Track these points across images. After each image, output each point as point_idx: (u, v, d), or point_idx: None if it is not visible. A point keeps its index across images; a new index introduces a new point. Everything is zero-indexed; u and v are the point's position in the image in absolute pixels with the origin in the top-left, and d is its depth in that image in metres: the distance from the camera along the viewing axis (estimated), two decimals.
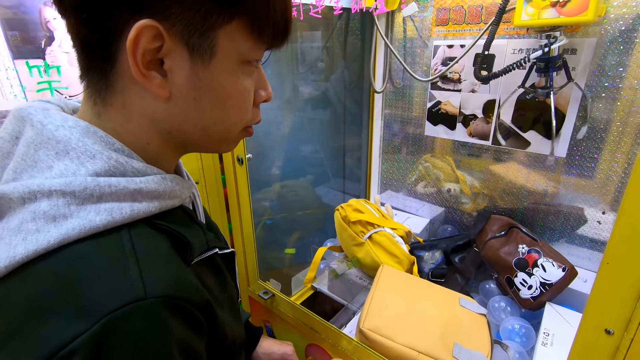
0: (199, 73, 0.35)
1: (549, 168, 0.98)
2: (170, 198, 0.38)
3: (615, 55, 0.82)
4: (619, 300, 0.38)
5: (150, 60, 0.33)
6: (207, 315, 0.36)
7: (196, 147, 0.42)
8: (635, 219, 0.35)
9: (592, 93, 0.86)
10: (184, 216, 0.41)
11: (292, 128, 1.21)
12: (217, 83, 0.36)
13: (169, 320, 0.30)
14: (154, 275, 0.31)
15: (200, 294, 0.35)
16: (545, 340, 0.77)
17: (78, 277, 0.29)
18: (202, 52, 0.34)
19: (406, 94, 1.21)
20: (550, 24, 0.77)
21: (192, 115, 0.37)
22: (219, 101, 0.37)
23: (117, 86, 0.35)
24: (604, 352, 0.40)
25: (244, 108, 0.40)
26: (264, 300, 0.91)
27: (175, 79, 0.34)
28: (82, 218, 0.30)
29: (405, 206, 1.32)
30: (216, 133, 0.39)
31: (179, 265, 0.35)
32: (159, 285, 0.31)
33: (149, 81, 0.33)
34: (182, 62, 0.34)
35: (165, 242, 0.35)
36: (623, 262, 0.37)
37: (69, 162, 0.32)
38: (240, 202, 0.85)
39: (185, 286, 0.33)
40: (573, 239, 1.00)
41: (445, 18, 1.04)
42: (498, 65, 0.97)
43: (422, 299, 0.80)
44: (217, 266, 0.44)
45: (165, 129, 0.37)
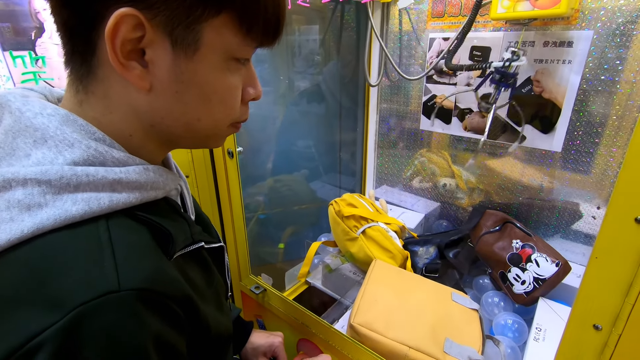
0: (182, 66, 0.33)
1: (545, 163, 0.98)
2: (152, 189, 0.37)
3: (613, 48, 0.81)
4: (607, 296, 0.37)
5: (131, 50, 0.32)
6: (187, 310, 0.35)
7: (183, 142, 0.41)
8: (624, 214, 0.34)
9: (589, 86, 0.85)
10: (167, 208, 0.40)
11: (286, 122, 1.20)
12: (200, 78, 0.35)
13: (144, 314, 0.29)
14: (130, 267, 0.30)
15: (179, 287, 0.34)
16: (537, 336, 0.76)
17: (50, 267, 0.28)
18: (186, 45, 0.33)
19: (402, 88, 1.20)
20: (525, 16, 0.77)
21: (174, 109, 0.35)
22: (203, 97, 0.36)
23: (99, 74, 0.34)
24: (592, 348, 0.40)
25: (230, 105, 0.38)
26: (256, 295, 0.91)
27: (156, 71, 0.33)
28: (57, 208, 0.30)
29: (401, 201, 1.31)
30: (202, 129, 0.38)
31: (159, 258, 0.34)
32: (134, 277, 0.30)
33: (128, 71, 0.32)
34: (164, 54, 0.32)
35: (145, 234, 0.34)
36: (611, 257, 0.36)
37: (46, 151, 0.31)
38: (231, 196, 0.84)
39: (163, 279, 0.32)
40: (568, 234, 0.99)
41: (441, 10, 1.02)
42: (494, 58, 0.95)
43: (414, 293, 0.80)
44: (203, 260, 0.43)
45: (147, 121, 0.36)
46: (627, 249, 0.35)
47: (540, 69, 0.89)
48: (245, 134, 1.09)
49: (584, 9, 0.81)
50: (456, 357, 0.66)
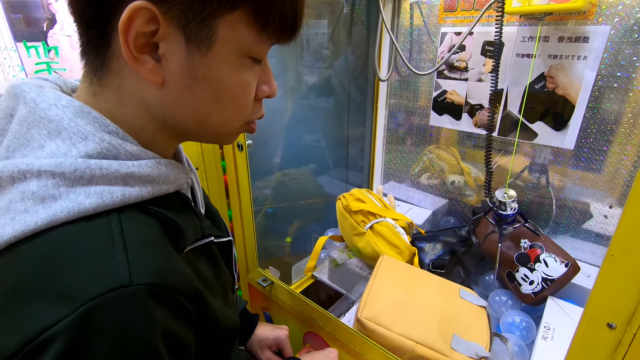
0: (195, 62, 0.33)
1: (557, 161, 0.96)
2: (164, 183, 0.37)
3: (630, 44, 0.79)
4: (623, 294, 0.37)
5: (145, 44, 0.32)
6: (196, 304, 0.35)
7: (194, 137, 0.41)
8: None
9: (604, 83, 0.84)
10: (178, 202, 0.40)
11: (294, 116, 1.20)
12: (213, 74, 0.34)
13: (154, 308, 0.30)
14: (141, 261, 0.30)
15: (190, 282, 0.34)
16: (545, 334, 0.76)
17: (62, 260, 0.28)
18: (200, 40, 0.32)
19: (411, 83, 1.19)
20: (541, 10, 0.75)
21: (185, 104, 0.35)
22: (215, 93, 0.36)
23: (113, 67, 0.34)
24: (606, 347, 0.39)
25: (243, 102, 0.38)
26: (263, 288, 0.91)
27: (169, 65, 0.33)
28: (71, 200, 0.30)
29: (408, 197, 1.31)
30: (212, 125, 0.38)
31: (169, 253, 0.34)
32: (145, 272, 0.30)
33: (140, 65, 0.32)
34: (178, 49, 0.32)
35: (157, 228, 0.34)
36: (628, 255, 0.36)
37: (60, 143, 0.32)
38: (240, 189, 0.85)
39: (174, 274, 0.33)
40: (578, 232, 0.98)
41: (453, 4, 1.01)
42: (507, 54, 0.94)
43: (421, 289, 0.80)
44: (212, 254, 0.44)
45: (159, 115, 0.36)
46: None
47: (554, 64, 0.88)
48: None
49: (601, 3, 0.79)
50: (463, 353, 0.66)
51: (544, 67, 0.89)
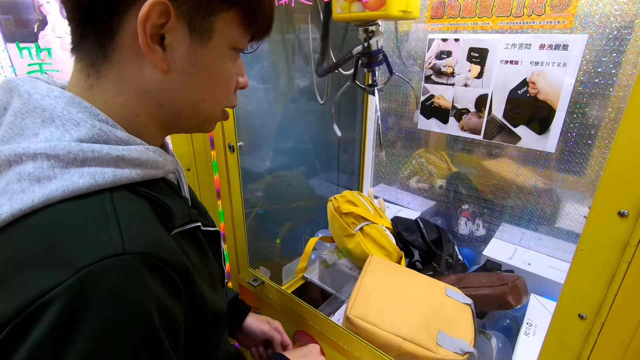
0: (197, 51, 0.37)
1: (539, 164, 1.00)
2: (152, 168, 0.39)
3: (607, 52, 0.83)
4: (592, 286, 0.39)
5: (153, 35, 0.35)
6: (184, 280, 0.36)
7: (182, 124, 0.44)
8: (608, 208, 0.36)
9: (583, 89, 0.87)
10: (166, 187, 0.42)
11: (285, 119, 1.21)
12: (210, 62, 0.39)
13: (146, 276, 0.31)
14: (134, 233, 0.32)
15: (179, 257, 0.36)
16: (527, 330, 0.78)
17: (59, 232, 0.30)
18: (202, 33, 0.37)
19: (401, 87, 1.22)
20: (358, 18, 0.74)
21: (185, 89, 0.39)
22: (210, 79, 0.40)
23: (114, 57, 0.36)
24: (577, 336, 0.42)
25: (229, 89, 0.43)
26: (254, 288, 0.92)
27: (174, 54, 0.37)
28: (65, 180, 0.32)
29: (397, 199, 1.33)
30: (204, 111, 0.42)
31: (159, 229, 0.36)
32: (137, 242, 0.32)
33: (153, 53, 0.35)
34: (183, 40, 0.36)
35: (147, 207, 0.36)
36: (596, 249, 0.38)
37: (54, 129, 0.33)
38: (231, 190, 0.86)
39: (164, 247, 0.34)
40: (560, 233, 1.01)
41: (440, 12, 1.04)
42: (491, 60, 0.97)
43: (408, 287, 0.82)
44: (198, 241, 0.45)
45: (157, 101, 0.39)
46: (611, 242, 0.37)
47: (535, 71, 0.91)
48: (245, 129, 1.10)
49: (579, 13, 0.83)
50: (448, 348, 0.68)
51: (527, 74, 0.93)
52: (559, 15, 0.85)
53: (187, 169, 0.84)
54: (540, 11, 0.88)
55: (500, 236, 1.11)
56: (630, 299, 0.37)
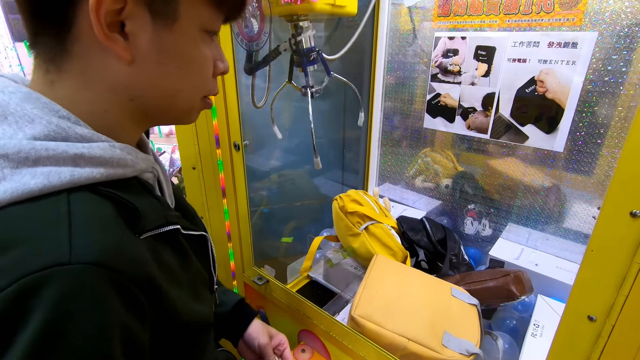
0: (163, 37, 0.35)
1: (547, 163, 0.98)
2: (119, 166, 0.36)
3: (617, 50, 0.81)
4: (602, 288, 0.38)
5: (111, 22, 0.32)
6: (149, 293, 0.33)
7: (158, 117, 0.41)
8: (620, 208, 0.36)
9: (592, 87, 0.86)
10: (138, 187, 0.39)
11: (291, 118, 1.21)
12: (180, 48, 0.36)
13: (96, 291, 0.28)
14: (85, 240, 0.29)
15: (143, 268, 0.33)
16: (535, 332, 0.77)
17: (5, 237, 0.28)
18: (165, 15, 0.34)
19: (407, 86, 1.21)
20: (285, 12, 0.69)
21: (156, 80, 0.36)
22: (183, 67, 0.37)
23: (74, 51, 0.34)
24: (587, 338, 0.41)
25: (206, 75, 0.40)
26: (258, 286, 0.92)
27: (138, 43, 0.34)
28: (15, 181, 0.30)
29: (403, 198, 1.33)
30: (182, 102, 0.39)
31: (122, 234, 0.33)
32: (89, 250, 0.29)
33: (112, 43, 0.33)
34: (145, 25, 0.34)
35: (109, 208, 0.33)
36: (607, 249, 0.37)
37: (6, 127, 0.32)
38: (236, 188, 0.86)
39: (123, 257, 0.31)
40: (568, 234, 1.00)
41: (447, 9, 1.03)
42: (499, 58, 0.96)
43: (414, 287, 0.81)
44: (178, 245, 0.42)
45: (127, 95, 0.36)
46: (622, 242, 0.36)
47: (544, 69, 0.90)
48: (250, 128, 1.10)
49: (589, 10, 0.82)
50: (454, 349, 0.68)
51: (535, 72, 0.91)
52: (568, 12, 0.84)
53: (192, 167, 0.84)
54: (549, 8, 0.86)
55: (507, 236, 1.10)
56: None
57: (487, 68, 0.99)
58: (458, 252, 1.03)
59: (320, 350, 0.84)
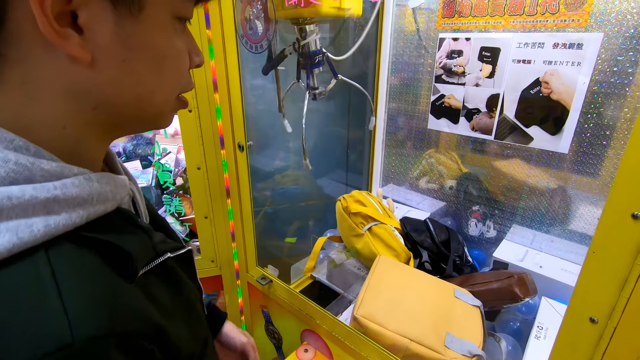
0: (127, 28, 0.28)
1: (552, 165, 0.98)
2: (99, 203, 0.30)
3: (623, 51, 0.81)
4: (604, 290, 0.38)
5: (59, 14, 0.25)
6: (158, 341, 0.30)
7: (129, 125, 0.35)
8: (622, 210, 0.36)
9: (598, 89, 0.85)
10: (121, 221, 0.34)
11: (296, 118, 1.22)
12: (150, 40, 0.30)
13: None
14: (81, 308, 0.25)
15: (147, 318, 0.30)
16: (538, 334, 0.77)
17: None
18: (129, 2, 0.28)
19: (411, 87, 1.21)
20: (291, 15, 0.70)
21: (124, 81, 0.30)
22: (154, 62, 0.31)
23: (11, 55, 0.26)
24: (588, 340, 0.41)
25: (182, 70, 0.34)
26: (262, 286, 0.93)
27: (96, 37, 0.27)
28: None
29: (406, 199, 1.32)
30: (155, 104, 0.33)
31: (116, 287, 0.29)
32: (90, 321, 0.24)
33: (65, 41, 0.26)
34: (104, 15, 0.27)
35: (95, 260, 0.28)
36: (608, 251, 0.37)
37: None
38: (240, 188, 0.87)
39: (126, 315, 0.27)
40: (573, 235, 0.99)
41: (451, 10, 1.03)
42: (503, 59, 0.96)
43: (417, 288, 0.81)
44: (169, 273, 0.37)
45: (88, 104, 0.30)
46: (624, 244, 0.36)
47: (549, 70, 0.90)
48: (255, 129, 1.11)
49: (594, 11, 0.81)
50: (457, 351, 0.68)
51: (540, 73, 0.91)
52: (573, 13, 0.84)
53: (197, 167, 0.85)
54: (554, 9, 0.86)
55: (511, 238, 1.09)
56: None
57: (491, 69, 0.99)
58: (462, 254, 1.03)
59: (323, 351, 0.84)
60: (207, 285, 1.03)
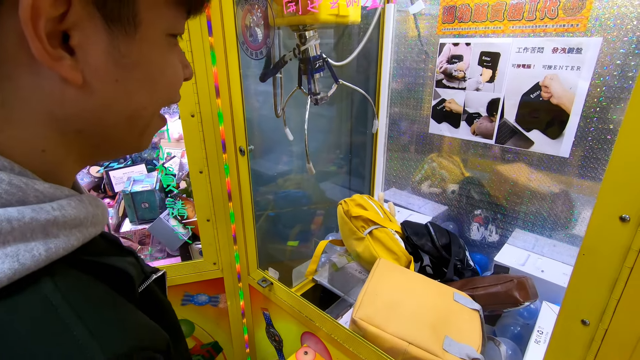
0: (122, 48, 0.27)
1: (554, 169, 0.98)
2: (92, 225, 0.29)
3: (622, 55, 0.81)
4: (594, 292, 0.39)
5: (50, 34, 0.24)
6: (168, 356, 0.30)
7: (112, 148, 0.33)
8: (610, 213, 0.36)
9: (598, 93, 0.85)
10: (108, 245, 0.33)
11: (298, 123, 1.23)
12: (145, 59, 0.29)
13: None
14: (106, 329, 0.24)
15: (159, 333, 0.30)
16: (538, 338, 0.77)
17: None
18: (125, 21, 0.26)
19: (413, 92, 1.22)
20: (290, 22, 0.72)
21: (115, 102, 0.29)
22: (149, 80, 0.30)
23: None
24: (581, 343, 0.41)
25: (176, 84, 0.34)
26: (262, 288, 0.94)
27: (89, 58, 0.26)
28: None
29: (408, 203, 1.33)
30: (142, 120, 0.32)
31: (126, 306, 0.28)
32: (117, 338, 0.24)
33: (56, 62, 0.24)
34: (98, 35, 0.25)
35: (96, 284, 0.28)
36: (598, 254, 0.38)
37: None
38: (241, 192, 0.88)
39: (146, 330, 0.28)
40: (575, 240, 0.99)
41: (452, 16, 1.04)
42: (503, 64, 0.97)
43: (416, 291, 0.81)
44: (153, 294, 0.37)
45: (74, 128, 0.28)
46: (612, 247, 0.36)
47: (549, 75, 0.90)
48: (259, 134, 1.12)
49: (593, 16, 0.82)
50: (455, 354, 0.68)
51: (539, 77, 0.91)
52: (572, 18, 0.84)
53: (199, 171, 0.87)
54: (553, 14, 0.87)
55: (513, 242, 1.09)
56: (633, 305, 0.36)
57: (491, 74, 1.00)
58: (463, 258, 1.03)
59: (322, 353, 0.85)
60: (209, 287, 1.04)
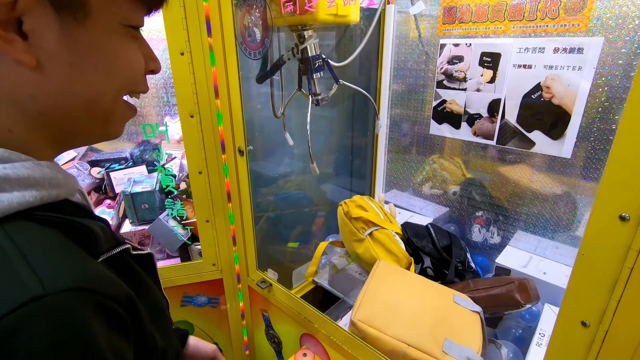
0: (74, 34, 0.29)
1: (556, 170, 0.97)
2: (52, 187, 0.31)
3: (624, 55, 0.80)
4: (594, 293, 0.38)
5: (4, 20, 0.27)
6: (131, 312, 0.30)
7: (79, 132, 0.35)
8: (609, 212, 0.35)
9: (599, 93, 0.85)
10: (75, 210, 0.34)
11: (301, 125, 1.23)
12: (100, 43, 0.31)
13: (84, 317, 0.25)
14: (52, 267, 0.25)
15: (119, 285, 0.29)
16: (540, 341, 0.76)
17: None
18: (74, 9, 0.29)
19: (414, 93, 1.21)
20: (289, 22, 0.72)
21: (71, 85, 0.31)
22: (105, 66, 0.32)
23: None
24: (581, 344, 0.40)
25: (135, 73, 0.35)
26: (262, 290, 0.93)
27: (42, 43, 0.28)
28: None
29: (410, 205, 1.32)
30: (104, 105, 0.33)
31: (83, 257, 0.29)
32: (61, 276, 0.25)
33: (8, 44, 0.27)
34: (48, 21, 0.28)
35: (56, 234, 0.29)
36: (597, 254, 0.37)
37: None
38: (240, 192, 0.88)
39: (98, 277, 0.27)
40: (578, 242, 0.98)
41: (452, 17, 1.04)
42: (504, 64, 0.96)
43: (416, 293, 0.81)
44: (129, 268, 0.37)
45: (35, 109, 0.30)
46: (612, 246, 0.36)
47: (550, 75, 0.89)
48: (260, 135, 1.12)
49: (594, 15, 0.81)
50: (455, 357, 0.67)
51: (541, 78, 0.91)
52: (573, 18, 0.84)
53: (199, 171, 0.87)
54: (554, 14, 0.86)
55: (515, 244, 1.08)
56: (633, 305, 0.35)
57: (492, 74, 0.99)
58: (464, 259, 1.02)
59: (321, 355, 0.84)
60: (208, 288, 1.04)
